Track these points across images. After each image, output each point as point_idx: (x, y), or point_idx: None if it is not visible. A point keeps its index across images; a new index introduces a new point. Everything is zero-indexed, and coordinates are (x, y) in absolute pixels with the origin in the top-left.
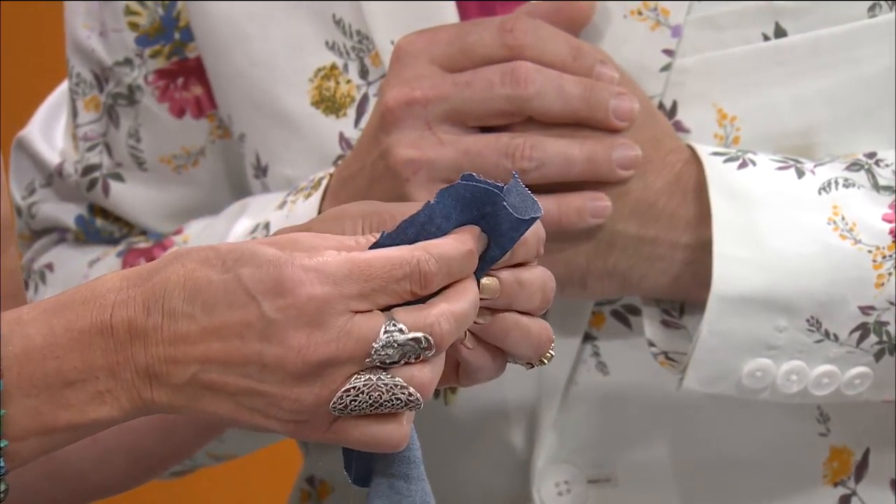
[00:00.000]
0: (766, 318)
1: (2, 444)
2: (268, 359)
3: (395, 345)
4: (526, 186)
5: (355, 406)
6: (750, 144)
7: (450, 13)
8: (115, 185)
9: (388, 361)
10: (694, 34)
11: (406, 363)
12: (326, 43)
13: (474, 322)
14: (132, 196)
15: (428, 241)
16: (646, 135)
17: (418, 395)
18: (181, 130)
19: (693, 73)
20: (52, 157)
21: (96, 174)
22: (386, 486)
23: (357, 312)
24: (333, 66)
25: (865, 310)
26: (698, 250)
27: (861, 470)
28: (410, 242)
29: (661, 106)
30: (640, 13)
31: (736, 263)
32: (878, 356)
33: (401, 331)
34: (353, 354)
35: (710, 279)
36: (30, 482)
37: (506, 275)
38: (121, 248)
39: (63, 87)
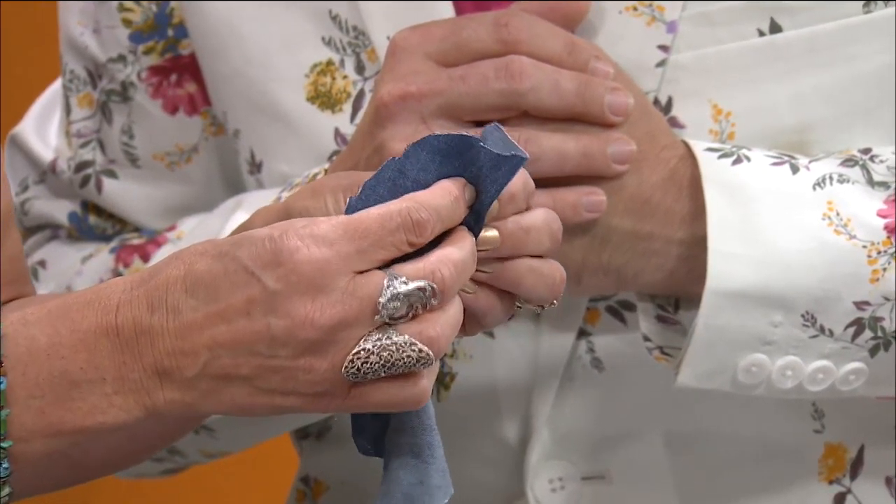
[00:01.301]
0: (761, 314)
1: (5, 445)
2: (277, 331)
3: (400, 297)
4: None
5: (368, 369)
6: (745, 140)
7: (445, 9)
8: (108, 182)
9: (396, 315)
10: (689, 30)
11: (414, 316)
12: (323, 39)
13: (482, 272)
14: (125, 193)
15: (413, 193)
16: (641, 130)
17: (429, 351)
18: (174, 127)
19: (688, 70)
20: (46, 153)
21: (89, 171)
22: (410, 455)
23: (357, 273)
24: (330, 62)
25: (860, 305)
26: (693, 246)
27: (856, 467)
28: (384, 201)
29: (656, 102)
30: (635, 9)
31: (731, 259)
32: (873, 352)
33: (403, 282)
34: (360, 314)
35: (705, 275)
36: (45, 469)
37: (509, 225)
38: (114, 244)
39: (57, 85)
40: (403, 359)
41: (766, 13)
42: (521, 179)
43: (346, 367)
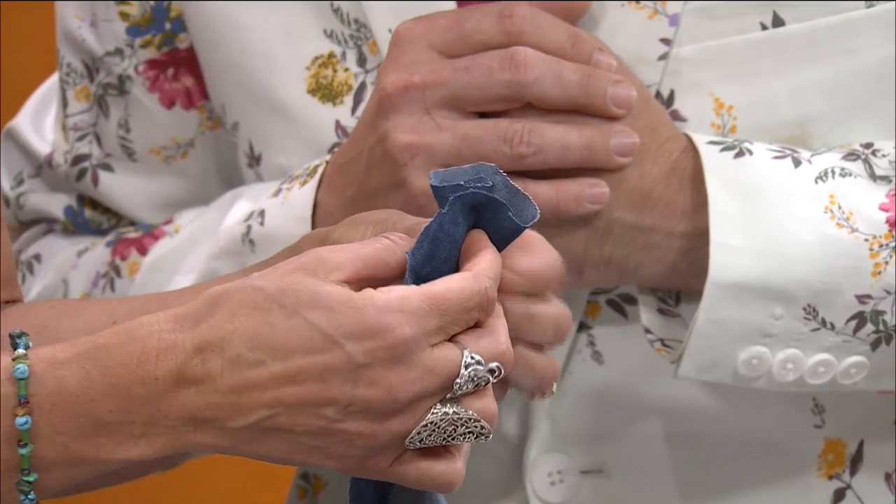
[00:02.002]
0: (763, 307)
1: (30, 479)
2: (356, 399)
3: (476, 378)
4: (524, 172)
5: (431, 440)
6: (747, 134)
7: (448, 3)
8: (104, 176)
9: (466, 391)
10: (691, 23)
11: (472, 393)
12: (324, 31)
13: None
14: (122, 186)
15: (481, 265)
16: (642, 123)
17: (489, 426)
18: (171, 121)
19: (690, 63)
20: (42, 147)
21: (86, 164)
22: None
23: (433, 346)
24: (331, 55)
25: (862, 298)
26: (695, 239)
27: (856, 463)
28: (427, 254)
29: (658, 95)
30: (637, 2)
31: (732, 252)
32: (875, 345)
33: (479, 362)
34: (438, 390)
35: (707, 267)
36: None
37: (517, 306)
38: (110, 237)
39: (54, 78)
40: (465, 433)
41: (768, 7)
42: (549, 265)
43: (412, 438)
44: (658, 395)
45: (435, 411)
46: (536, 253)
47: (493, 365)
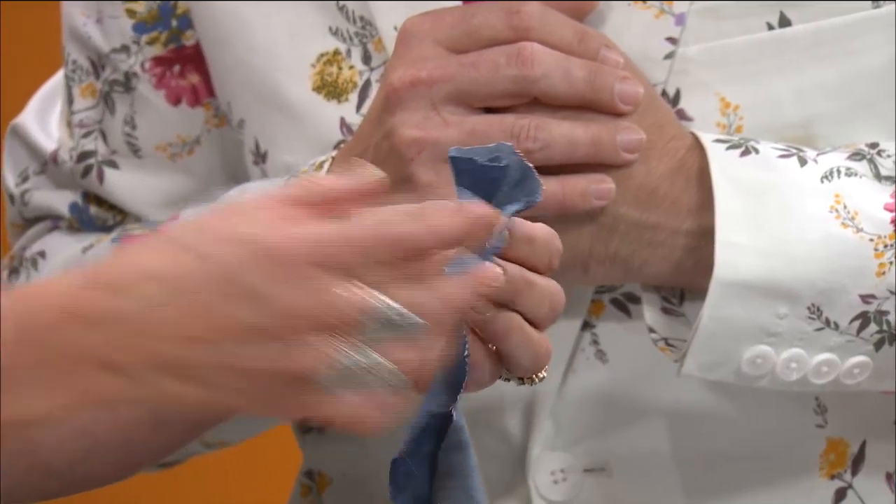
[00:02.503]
0: (767, 305)
1: None
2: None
3: (389, 324)
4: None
5: (343, 383)
6: (752, 134)
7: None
8: (109, 173)
9: (373, 334)
10: (698, 23)
11: (393, 342)
12: (329, 29)
13: (476, 312)
14: (127, 183)
15: (429, 210)
16: (649, 120)
17: (402, 375)
18: (177, 118)
19: (696, 62)
20: (47, 144)
21: (91, 161)
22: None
23: (340, 282)
24: (336, 52)
25: (866, 298)
26: (700, 237)
27: (857, 463)
28: None
29: (664, 94)
30: (643, 1)
31: (737, 250)
32: (878, 345)
33: (390, 309)
34: (338, 327)
35: (712, 266)
36: (16, 476)
37: (515, 270)
38: (115, 234)
39: (59, 75)
40: (376, 381)
41: (775, 6)
42: (550, 235)
43: (322, 378)
44: (661, 394)
45: (340, 352)
46: (537, 225)
47: (405, 312)
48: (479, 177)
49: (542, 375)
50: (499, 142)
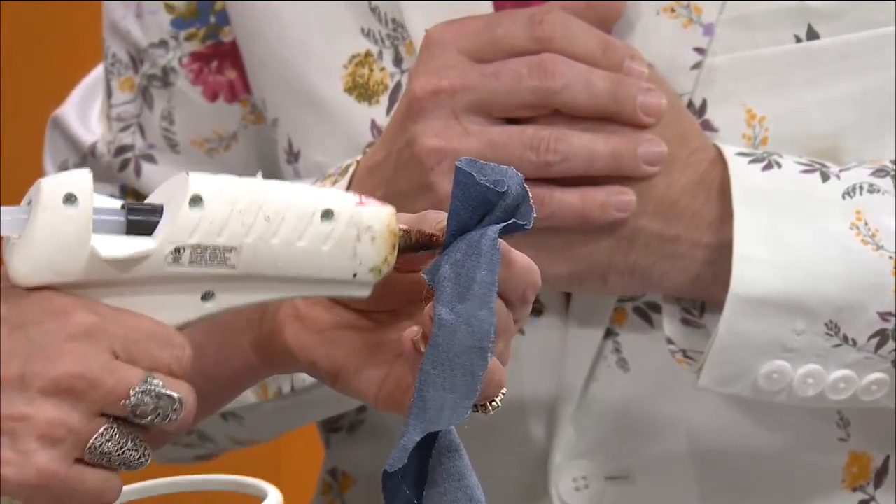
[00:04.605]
0: (785, 321)
1: None
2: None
3: (153, 395)
4: (550, 179)
5: (104, 456)
6: (778, 145)
7: (485, 6)
8: (147, 167)
9: (140, 413)
10: (726, 33)
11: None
12: (362, 30)
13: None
14: (164, 178)
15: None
16: (672, 132)
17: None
18: (214, 114)
19: (723, 72)
20: (87, 136)
21: (129, 155)
22: (461, 493)
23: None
24: (368, 54)
25: (884, 316)
26: (719, 250)
27: (881, 476)
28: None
29: (690, 104)
30: (672, 10)
31: (756, 265)
32: None
33: (148, 393)
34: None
35: (730, 279)
36: None
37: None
38: None
39: (100, 68)
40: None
41: (803, 18)
42: (526, 262)
43: (90, 447)
44: (683, 403)
45: (109, 428)
46: (520, 254)
47: (175, 394)
48: (475, 194)
49: (496, 404)
50: (514, 161)
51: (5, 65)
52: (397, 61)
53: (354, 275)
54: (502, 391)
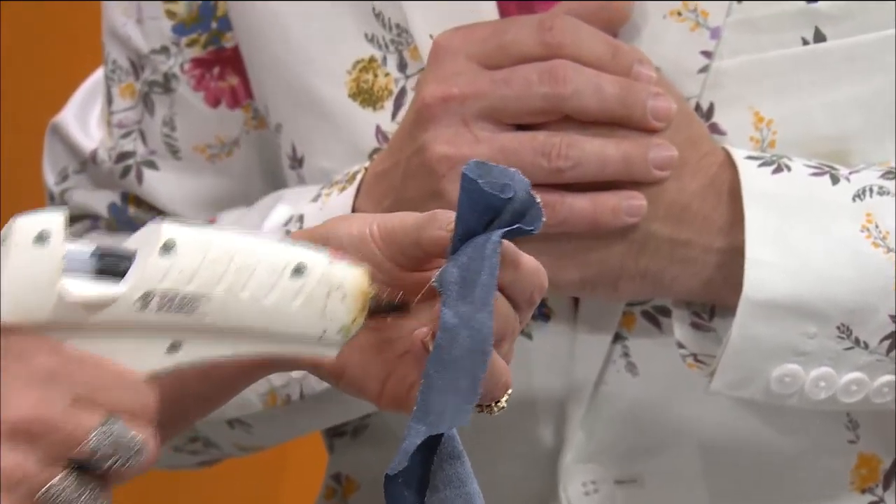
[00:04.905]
0: (797, 324)
1: None
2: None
3: (112, 439)
4: (561, 185)
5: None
6: (786, 148)
7: (489, 8)
8: (148, 173)
9: (100, 456)
10: (733, 36)
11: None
12: (366, 35)
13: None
14: (165, 184)
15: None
16: (682, 136)
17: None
18: (216, 120)
19: (731, 76)
20: (87, 143)
21: (130, 161)
22: (461, 500)
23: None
24: (372, 59)
25: None
26: (731, 254)
27: (889, 478)
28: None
29: (697, 107)
30: (679, 14)
31: (767, 269)
32: None
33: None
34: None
35: (741, 283)
36: None
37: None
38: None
39: (99, 73)
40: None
41: (810, 21)
42: (533, 264)
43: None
44: (692, 406)
45: (65, 476)
46: (526, 256)
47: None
48: (481, 200)
49: (501, 405)
50: (525, 167)
51: (5, 65)
52: (401, 66)
53: (324, 331)
54: (508, 392)
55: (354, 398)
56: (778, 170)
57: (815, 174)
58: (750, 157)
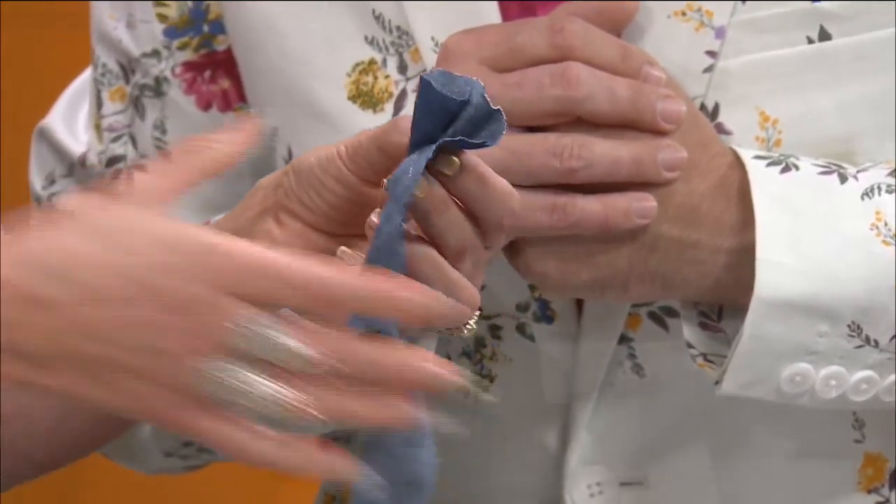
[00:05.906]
0: (807, 324)
1: None
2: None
3: (259, 343)
4: (571, 186)
5: (220, 397)
6: (792, 148)
7: (490, 9)
8: None
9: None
10: (738, 36)
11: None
12: (366, 38)
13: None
14: None
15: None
16: (692, 138)
17: (276, 405)
18: (207, 124)
19: (736, 76)
20: (74, 146)
21: (120, 165)
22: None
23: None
24: (372, 61)
25: None
26: (741, 255)
27: None
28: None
29: (702, 107)
30: (683, 14)
31: (778, 268)
32: None
33: (256, 324)
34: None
35: (752, 284)
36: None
37: (439, 192)
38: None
39: (85, 75)
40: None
41: (815, 20)
42: (505, 185)
43: (206, 388)
44: (698, 407)
45: (223, 368)
46: (498, 177)
47: (295, 346)
48: (436, 103)
49: (470, 327)
50: (537, 168)
51: (5, 65)
52: (402, 69)
53: None
54: (477, 313)
55: None
56: (786, 169)
57: (823, 173)
58: (757, 157)
